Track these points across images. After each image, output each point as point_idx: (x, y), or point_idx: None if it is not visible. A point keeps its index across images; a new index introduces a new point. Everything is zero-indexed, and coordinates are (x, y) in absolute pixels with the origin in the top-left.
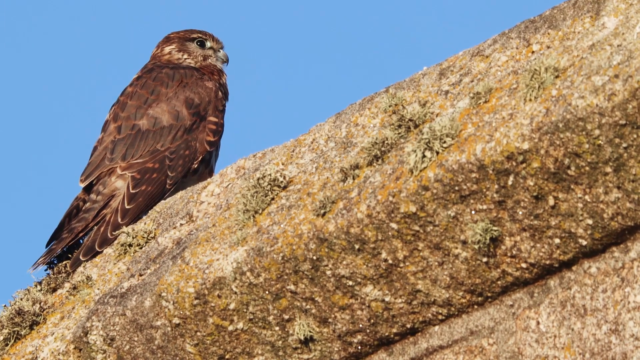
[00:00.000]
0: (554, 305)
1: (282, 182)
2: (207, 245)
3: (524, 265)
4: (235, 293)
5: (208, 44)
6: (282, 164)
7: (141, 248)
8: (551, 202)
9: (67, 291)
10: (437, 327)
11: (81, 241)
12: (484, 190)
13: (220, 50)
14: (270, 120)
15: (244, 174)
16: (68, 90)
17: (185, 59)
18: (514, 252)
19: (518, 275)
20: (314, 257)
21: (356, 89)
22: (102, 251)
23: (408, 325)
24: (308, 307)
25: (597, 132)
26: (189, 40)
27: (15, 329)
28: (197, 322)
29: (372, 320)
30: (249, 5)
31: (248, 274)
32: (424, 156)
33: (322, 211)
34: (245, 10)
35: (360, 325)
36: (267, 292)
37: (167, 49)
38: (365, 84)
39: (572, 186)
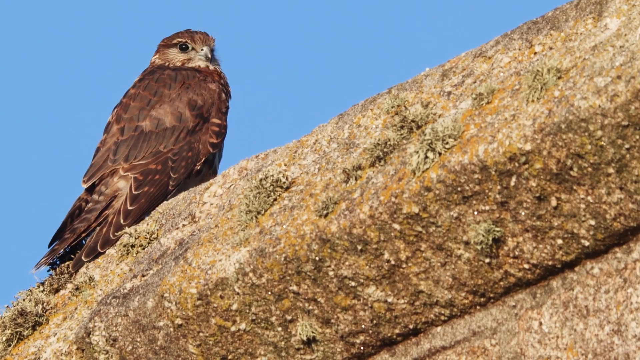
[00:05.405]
0: (556, 305)
1: (284, 182)
2: (210, 246)
3: (526, 266)
4: (238, 294)
5: (189, 45)
6: (285, 165)
7: (144, 249)
8: (554, 203)
9: (70, 292)
10: (439, 328)
11: (84, 242)
12: (487, 191)
13: (203, 49)
14: (272, 121)
15: (246, 174)
16: (70, 91)
17: (167, 66)
18: (517, 253)
19: (520, 276)
20: (317, 258)
21: (359, 90)
22: (105, 252)
23: (410, 326)
24: (311, 307)
25: (599, 133)
26: (171, 46)
27: (17, 329)
28: (200, 322)
29: (374, 321)
30: (251, 6)
31: (250, 274)
32: (426, 157)
33: (325, 212)
34: (248, 11)
35: (363, 326)
36: (269, 293)
37: (152, 59)
38: (368, 85)
39: (574, 187)
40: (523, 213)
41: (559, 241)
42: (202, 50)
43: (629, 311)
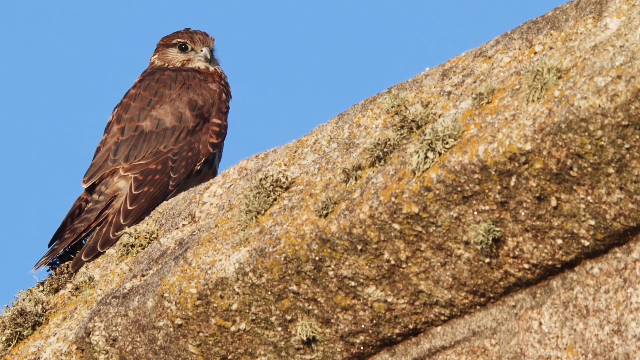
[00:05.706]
0: (556, 305)
1: (284, 182)
2: (210, 246)
3: (526, 265)
4: (238, 294)
5: (189, 46)
6: (285, 165)
7: (143, 249)
8: (553, 202)
9: (70, 292)
10: (439, 328)
11: (83, 242)
12: (487, 191)
13: (202, 50)
14: (272, 121)
15: (246, 174)
16: (70, 91)
17: (167, 67)
18: (517, 253)
19: (520, 275)
20: (317, 258)
21: (358, 90)
22: (104, 252)
23: (410, 326)
24: (310, 307)
25: (599, 133)
26: (170, 46)
27: (17, 329)
28: (200, 322)
29: (374, 321)
30: (251, 6)
31: (250, 274)
32: (426, 157)
33: (325, 212)
34: (248, 11)
35: (363, 326)
36: (269, 293)
37: (152, 59)
38: (368, 85)
39: (574, 187)
40: (523, 213)
41: (559, 241)
42: (201, 51)
43: (628, 311)
